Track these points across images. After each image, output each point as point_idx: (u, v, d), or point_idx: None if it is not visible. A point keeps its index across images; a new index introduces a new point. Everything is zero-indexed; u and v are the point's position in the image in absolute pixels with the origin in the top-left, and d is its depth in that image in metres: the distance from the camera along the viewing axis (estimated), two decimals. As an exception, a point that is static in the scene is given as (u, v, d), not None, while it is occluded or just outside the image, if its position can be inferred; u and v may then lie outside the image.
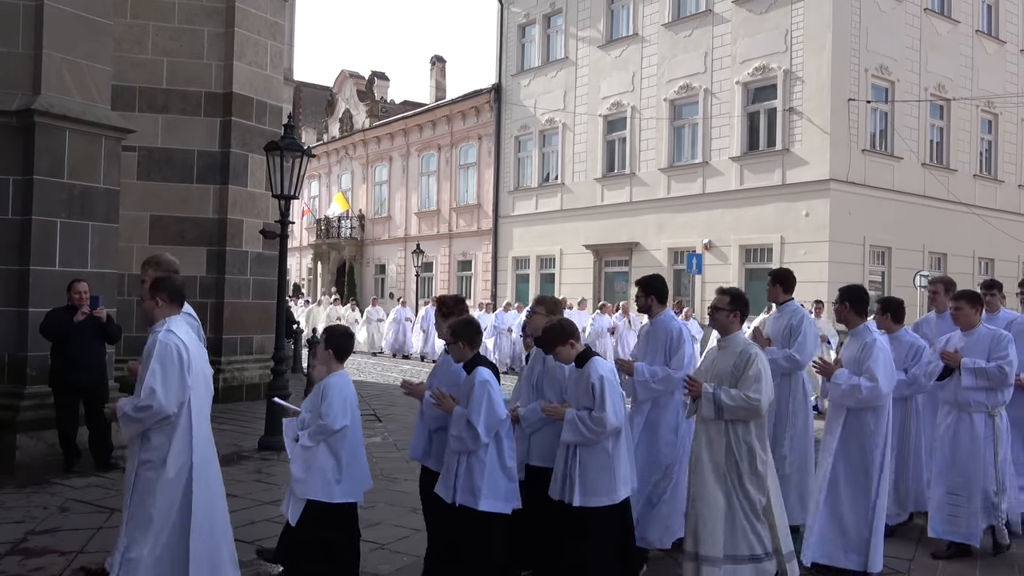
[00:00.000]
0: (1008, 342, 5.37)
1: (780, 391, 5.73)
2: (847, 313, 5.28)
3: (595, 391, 4.33)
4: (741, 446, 4.47)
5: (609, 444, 4.38)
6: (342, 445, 4.49)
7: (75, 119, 8.15)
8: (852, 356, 5.15)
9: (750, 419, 4.47)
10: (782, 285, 6.07)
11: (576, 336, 4.57)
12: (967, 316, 5.60)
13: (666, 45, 21.56)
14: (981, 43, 21.68)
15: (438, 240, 29.35)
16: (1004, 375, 5.31)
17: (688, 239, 20.67)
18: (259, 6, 12.10)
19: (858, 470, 5.03)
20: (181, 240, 11.52)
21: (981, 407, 5.40)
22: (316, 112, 39.13)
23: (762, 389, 4.41)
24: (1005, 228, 21.50)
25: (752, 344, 4.67)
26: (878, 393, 4.95)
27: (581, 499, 4.31)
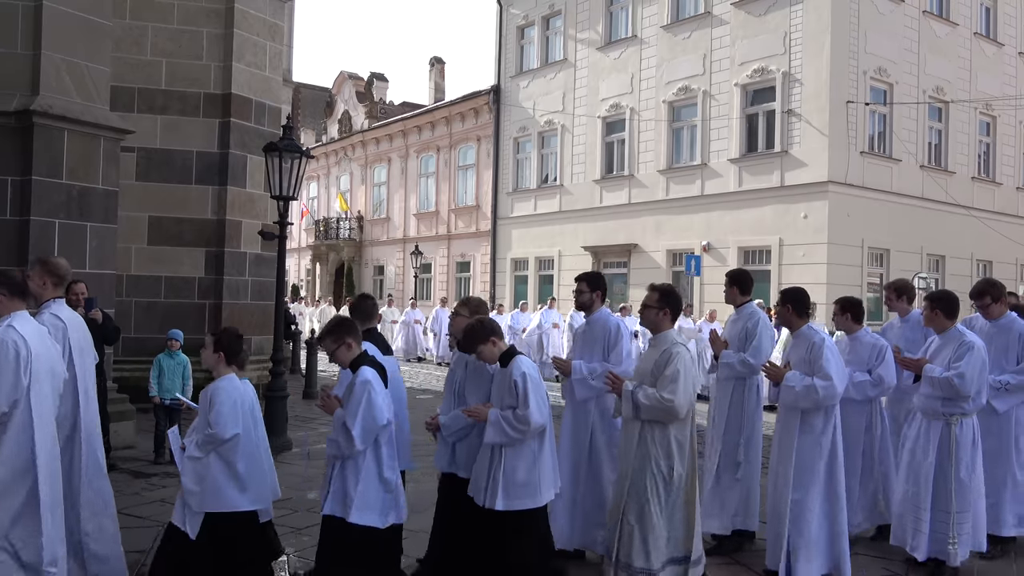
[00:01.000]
0: (967, 351, 5.04)
1: (735, 396, 5.66)
2: (789, 315, 5.15)
3: (518, 388, 4.19)
4: (657, 449, 4.34)
5: (535, 444, 4.26)
6: (236, 454, 4.23)
7: (74, 120, 8.15)
8: (801, 358, 5.02)
9: (667, 420, 4.33)
10: (739, 287, 5.90)
11: (498, 334, 4.43)
12: (929, 318, 5.35)
13: (665, 47, 21.57)
14: (979, 45, 21.71)
15: (437, 241, 29.34)
16: (954, 388, 4.99)
17: (687, 241, 20.68)
18: (258, 7, 12.10)
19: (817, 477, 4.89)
20: (179, 241, 11.52)
21: (938, 415, 5.13)
22: (315, 113, 39.13)
23: (678, 390, 4.26)
24: (1003, 230, 21.52)
25: (677, 343, 4.48)
26: (834, 392, 4.83)
27: (504, 503, 4.16)
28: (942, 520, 5.02)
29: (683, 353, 4.39)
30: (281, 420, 8.78)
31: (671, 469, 4.35)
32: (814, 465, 4.89)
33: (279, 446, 8.62)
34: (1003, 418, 5.58)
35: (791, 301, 5.16)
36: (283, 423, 8.82)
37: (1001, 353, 5.66)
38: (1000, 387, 5.51)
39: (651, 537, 4.32)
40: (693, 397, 4.41)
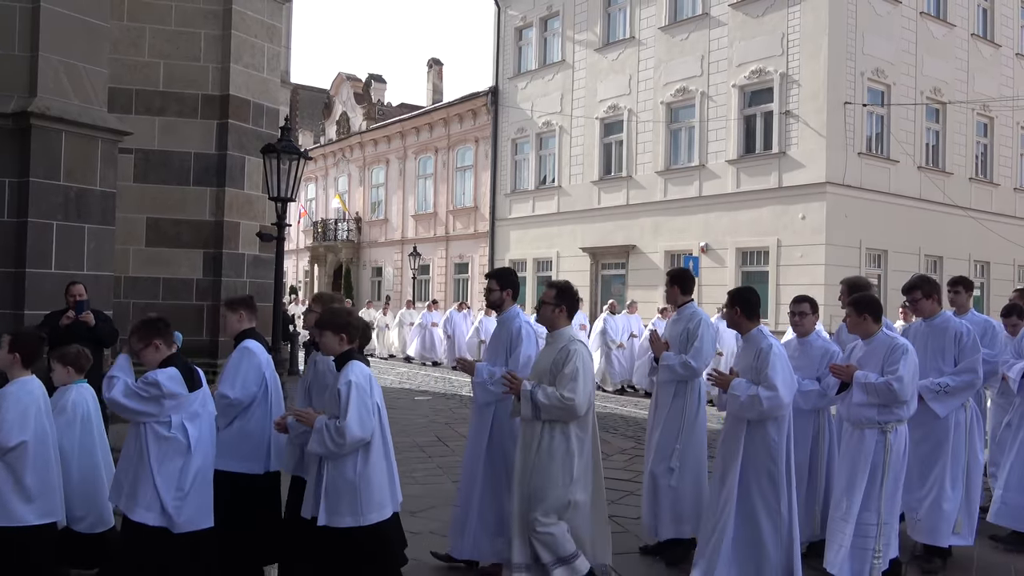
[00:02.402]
0: (902, 354, 4.71)
1: (676, 399, 5.45)
2: (738, 318, 4.87)
3: (340, 397, 3.91)
4: (558, 450, 4.21)
5: (357, 459, 3.96)
6: (24, 463, 4.07)
7: (71, 121, 8.14)
8: (748, 364, 4.73)
9: (567, 419, 4.22)
10: (680, 286, 5.69)
11: (347, 332, 4.14)
12: (856, 325, 5.00)
13: (663, 48, 21.59)
14: (977, 47, 21.75)
15: (435, 243, 29.34)
16: (892, 393, 4.66)
17: (685, 242, 20.69)
18: (256, 9, 12.10)
19: (767, 488, 4.61)
20: (177, 243, 11.51)
21: (872, 424, 4.75)
22: (313, 114, 39.13)
23: (577, 388, 4.15)
24: (1001, 231, 21.56)
25: (575, 340, 4.35)
26: (779, 403, 4.53)
27: (325, 518, 3.93)
28: (862, 533, 4.70)
29: (581, 350, 4.29)
30: (279, 422, 8.76)
31: (571, 470, 4.24)
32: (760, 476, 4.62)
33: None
34: (941, 423, 5.31)
35: (740, 303, 4.88)
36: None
37: (937, 355, 5.39)
38: (939, 390, 5.25)
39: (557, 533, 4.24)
40: (592, 394, 4.31)
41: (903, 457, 4.80)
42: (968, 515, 5.34)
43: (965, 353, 5.29)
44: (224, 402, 4.50)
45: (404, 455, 8.77)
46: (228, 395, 4.49)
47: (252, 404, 4.62)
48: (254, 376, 4.60)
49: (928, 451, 5.32)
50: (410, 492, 7.02)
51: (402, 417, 11.56)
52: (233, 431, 4.59)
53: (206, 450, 4.25)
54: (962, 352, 5.30)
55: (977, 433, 5.48)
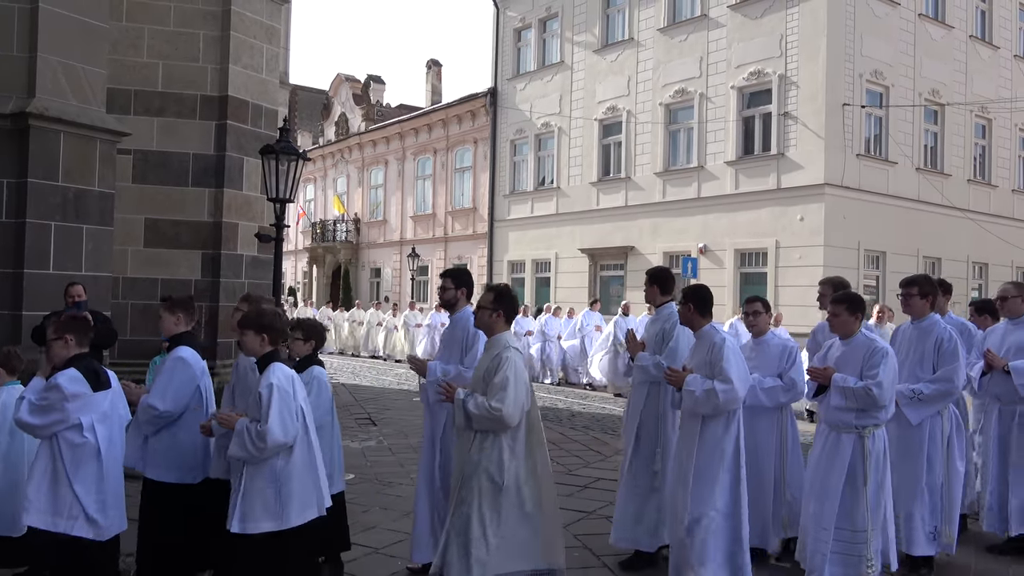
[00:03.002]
0: (882, 358, 4.58)
1: (650, 401, 5.32)
2: (691, 315, 4.83)
3: (262, 400, 3.81)
4: (485, 461, 4.08)
5: (277, 463, 3.86)
6: None
7: (70, 122, 8.15)
8: (702, 359, 4.69)
9: (497, 430, 4.06)
10: (659, 286, 5.56)
11: (273, 333, 4.02)
12: (844, 323, 4.82)
13: (661, 50, 21.61)
14: (975, 48, 21.78)
15: (433, 244, 29.35)
16: (872, 398, 4.52)
17: (683, 243, 20.71)
18: (255, 10, 12.09)
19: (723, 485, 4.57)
20: (176, 243, 11.50)
21: (850, 428, 4.63)
22: (312, 115, 39.14)
23: (507, 398, 3.96)
24: (999, 233, 21.58)
25: (509, 347, 4.17)
26: (735, 395, 4.51)
27: (239, 524, 3.82)
28: (847, 539, 4.58)
29: (514, 358, 4.11)
30: None
31: (502, 479, 4.06)
32: (715, 475, 4.57)
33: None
34: (915, 430, 5.16)
35: (694, 299, 4.84)
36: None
37: (917, 360, 5.26)
38: (913, 396, 5.10)
39: (474, 551, 4.01)
40: (526, 403, 4.13)
41: (883, 461, 4.67)
42: (949, 523, 5.19)
43: (944, 360, 5.13)
44: (152, 413, 4.40)
45: (401, 456, 8.79)
46: (157, 407, 4.38)
47: (185, 414, 4.49)
48: (186, 388, 4.48)
49: (903, 458, 5.16)
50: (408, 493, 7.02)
51: (399, 418, 11.57)
52: (166, 441, 4.49)
53: (116, 453, 4.23)
54: (941, 359, 5.14)
55: (956, 441, 5.32)
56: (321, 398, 4.73)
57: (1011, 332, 5.84)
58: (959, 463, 5.29)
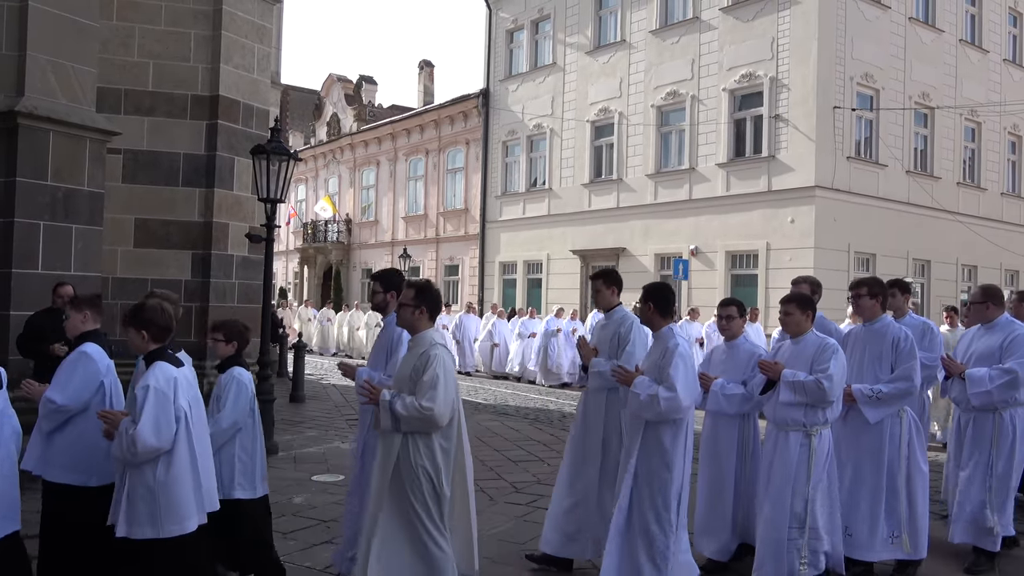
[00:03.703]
0: (832, 353, 4.59)
1: (610, 407, 5.13)
2: (651, 314, 4.73)
3: (137, 402, 3.70)
4: (421, 462, 3.95)
5: (158, 467, 3.72)
6: None
7: (59, 121, 8.10)
8: (654, 362, 4.58)
9: (428, 430, 3.96)
10: (617, 287, 5.39)
11: (154, 329, 3.86)
12: (796, 322, 4.81)
13: (653, 51, 21.65)
14: (965, 52, 21.90)
15: (425, 244, 29.32)
16: (822, 391, 4.50)
17: (675, 245, 20.74)
18: (246, 9, 12.06)
19: (656, 495, 4.47)
20: (166, 243, 11.46)
21: (798, 425, 4.61)
22: (303, 116, 39.04)
23: (437, 397, 3.86)
24: (988, 235, 21.70)
25: (436, 344, 4.07)
26: (677, 405, 4.39)
27: (124, 529, 3.71)
28: (788, 538, 4.54)
29: (442, 355, 4.00)
30: (268, 424, 8.76)
31: (440, 483, 3.97)
32: (650, 484, 4.47)
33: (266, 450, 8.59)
34: (873, 433, 5.06)
35: (655, 299, 4.73)
36: (270, 427, 8.81)
37: (875, 360, 5.16)
38: (873, 395, 5.02)
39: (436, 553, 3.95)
40: (457, 402, 4.04)
41: (826, 461, 4.64)
42: (913, 529, 5.05)
43: (902, 359, 5.06)
44: (51, 407, 4.26)
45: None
46: (55, 400, 4.24)
47: (86, 412, 4.31)
48: (88, 383, 4.35)
49: (861, 461, 5.08)
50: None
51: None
52: (67, 441, 4.33)
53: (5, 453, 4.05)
54: (899, 358, 5.07)
55: (918, 443, 5.18)
56: (240, 400, 4.63)
57: (979, 338, 5.71)
58: (923, 465, 5.16)
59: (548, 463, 8.34)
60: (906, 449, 5.07)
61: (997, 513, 5.35)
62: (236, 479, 4.64)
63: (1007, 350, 5.42)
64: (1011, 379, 5.31)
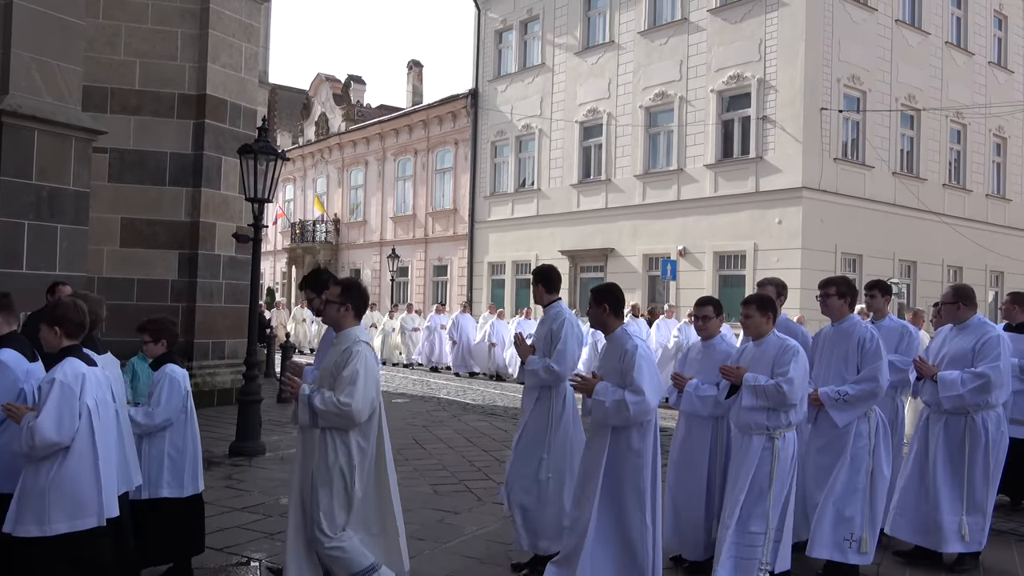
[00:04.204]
0: (793, 355, 4.52)
1: (540, 406, 5.07)
2: (605, 316, 4.64)
3: (40, 395, 3.67)
4: (337, 459, 3.90)
5: (53, 464, 3.66)
6: None
7: (44, 120, 8.05)
8: (613, 366, 4.44)
9: (345, 427, 3.91)
10: (544, 284, 5.27)
11: (67, 325, 3.84)
12: (756, 324, 4.74)
13: (642, 53, 21.71)
14: (950, 55, 22.07)
15: (414, 245, 29.28)
16: (782, 395, 4.44)
17: (663, 245, 20.80)
18: (234, 8, 12.02)
19: (631, 499, 4.36)
20: (152, 243, 11.41)
21: (761, 429, 4.54)
22: (292, 115, 38.91)
23: (356, 393, 3.81)
24: (973, 237, 21.87)
25: (360, 341, 4.04)
26: (646, 407, 4.28)
27: (11, 525, 3.65)
28: (744, 543, 4.44)
29: (364, 352, 3.97)
30: (255, 424, 8.72)
31: (352, 482, 3.91)
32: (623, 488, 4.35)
33: (253, 450, 8.57)
34: (842, 432, 4.98)
35: (608, 300, 4.63)
36: (257, 427, 8.76)
37: (841, 361, 5.08)
38: (839, 398, 4.94)
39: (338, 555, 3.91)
40: (376, 399, 3.98)
41: (791, 465, 4.58)
42: (872, 532, 4.96)
43: (867, 360, 4.98)
44: None
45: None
46: None
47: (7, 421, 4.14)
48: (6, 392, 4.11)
49: (827, 462, 5.00)
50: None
51: (379, 420, 11.52)
52: None
53: None
54: (864, 359, 4.99)
55: (883, 446, 5.06)
56: (172, 396, 4.66)
57: (952, 339, 5.62)
58: (885, 469, 5.04)
59: (536, 463, 8.34)
60: (872, 449, 4.97)
61: (970, 515, 5.29)
62: (164, 477, 4.63)
63: (980, 353, 5.35)
64: (983, 383, 5.26)
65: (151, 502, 4.60)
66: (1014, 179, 24.15)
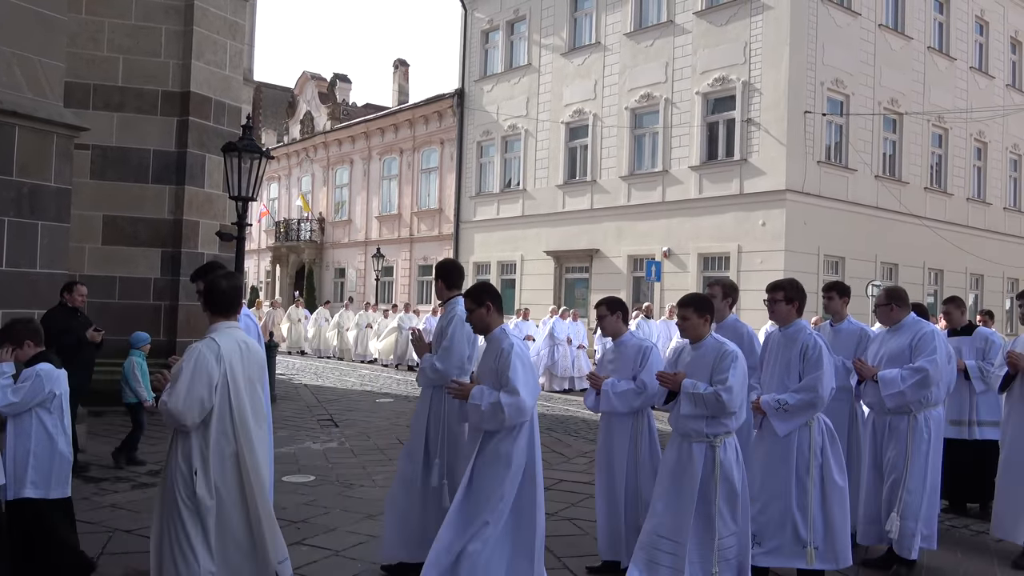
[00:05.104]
0: (732, 361, 4.38)
1: (435, 407, 4.91)
2: (487, 316, 4.44)
3: None
4: (176, 461, 3.64)
5: None
6: None
7: (25, 116, 7.96)
8: (489, 367, 4.26)
9: (177, 427, 3.66)
10: (444, 280, 5.11)
11: None
12: (694, 327, 4.60)
13: (628, 54, 21.77)
14: (933, 59, 22.28)
15: (399, 244, 29.22)
16: (721, 404, 4.31)
17: (648, 247, 20.87)
18: (219, 5, 11.95)
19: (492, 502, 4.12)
20: (135, 241, 11.33)
21: (701, 436, 4.42)
22: (277, 113, 38.74)
23: (174, 392, 3.55)
24: (954, 240, 22.09)
25: (206, 340, 3.81)
26: (522, 409, 4.09)
27: None
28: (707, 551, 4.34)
29: (200, 350, 3.71)
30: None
31: (192, 487, 3.61)
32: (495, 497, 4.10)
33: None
34: (784, 441, 4.84)
35: (491, 298, 4.39)
36: (239, 427, 8.70)
37: (784, 368, 4.95)
38: (779, 407, 4.80)
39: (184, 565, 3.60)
40: (209, 400, 3.63)
41: (734, 471, 4.45)
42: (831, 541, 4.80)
43: (809, 369, 4.83)
44: None
45: (364, 458, 8.73)
46: None
47: None
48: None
49: (769, 471, 4.87)
50: (370, 496, 6.98)
51: (363, 419, 11.49)
52: None
53: None
54: (807, 367, 4.85)
55: (832, 454, 4.90)
56: (33, 393, 4.58)
57: (888, 340, 5.56)
58: (837, 477, 4.88)
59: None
60: (818, 459, 4.83)
61: (909, 517, 5.19)
62: (29, 476, 4.54)
63: (916, 348, 5.34)
64: (922, 377, 5.22)
65: (16, 502, 4.49)
66: (994, 183, 24.43)
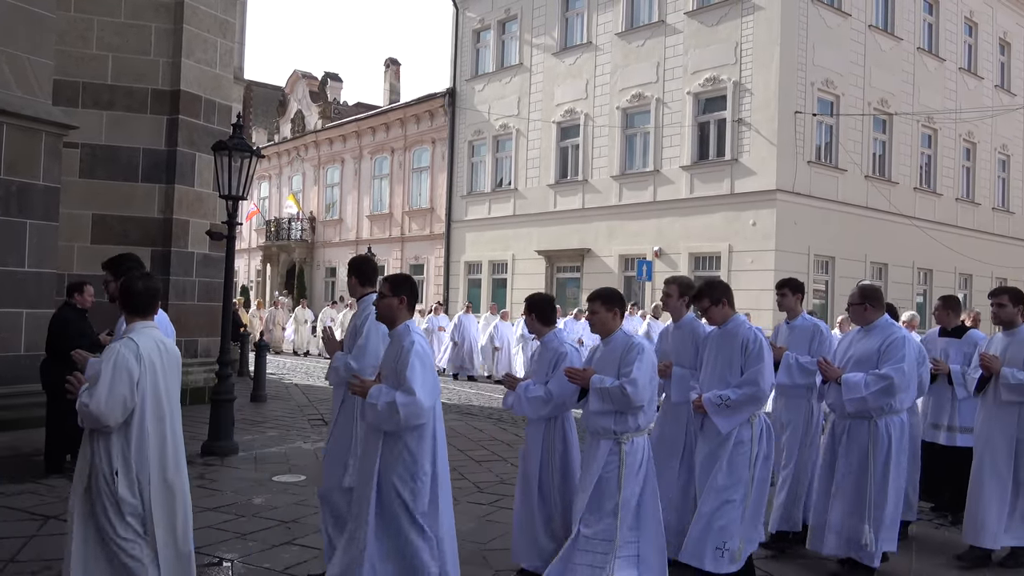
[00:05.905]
0: (637, 354, 4.31)
1: (347, 407, 4.80)
2: (396, 310, 4.22)
3: None
4: (97, 463, 3.57)
5: None
6: None
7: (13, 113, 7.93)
8: (390, 367, 4.10)
9: (96, 428, 3.57)
10: (358, 276, 4.98)
11: None
12: (603, 321, 4.52)
13: (619, 54, 21.80)
14: (922, 60, 22.39)
15: (390, 243, 29.18)
16: (627, 398, 4.23)
17: (639, 246, 20.91)
18: (209, 3, 11.92)
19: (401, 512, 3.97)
20: (124, 240, 11.27)
21: (608, 433, 4.33)
22: (267, 112, 38.61)
23: (95, 393, 3.48)
24: (943, 240, 22.21)
25: (125, 339, 3.68)
26: (418, 409, 3.89)
27: None
28: (593, 549, 4.24)
29: (118, 350, 3.62)
30: (228, 424, 8.64)
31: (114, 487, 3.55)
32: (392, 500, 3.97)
33: (226, 450, 8.49)
34: (722, 439, 4.76)
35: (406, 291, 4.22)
36: (230, 427, 8.68)
37: (726, 364, 4.87)
38: (721, 403, 4.71)
39: None
40: (131, 401, 3.56)
41: (639, 470, 4.34)
42: (750, 541, 4.74)
43: (750, 363, 4.77)
44: None
45: (355, 457, 8.71)
46: None
47: None
48: None
49: (706, 470, 4.80)
50: (360, 495, 6.96)
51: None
52: None
53: None
54: (748, 362, 4.79)
55: (769, 451, 4.84)
56: None
57: (858, 341, 5.39)
58: (769, 475, 4.80)
59: (511, 463, 8.35)
60: (754, 456, 4.72)
61: (875, 526, 5.05)
62: None
63: (884, 354, 5.14)
64: (886, 385, 5.05)
65: None
66: (983, 183, 24.58)
